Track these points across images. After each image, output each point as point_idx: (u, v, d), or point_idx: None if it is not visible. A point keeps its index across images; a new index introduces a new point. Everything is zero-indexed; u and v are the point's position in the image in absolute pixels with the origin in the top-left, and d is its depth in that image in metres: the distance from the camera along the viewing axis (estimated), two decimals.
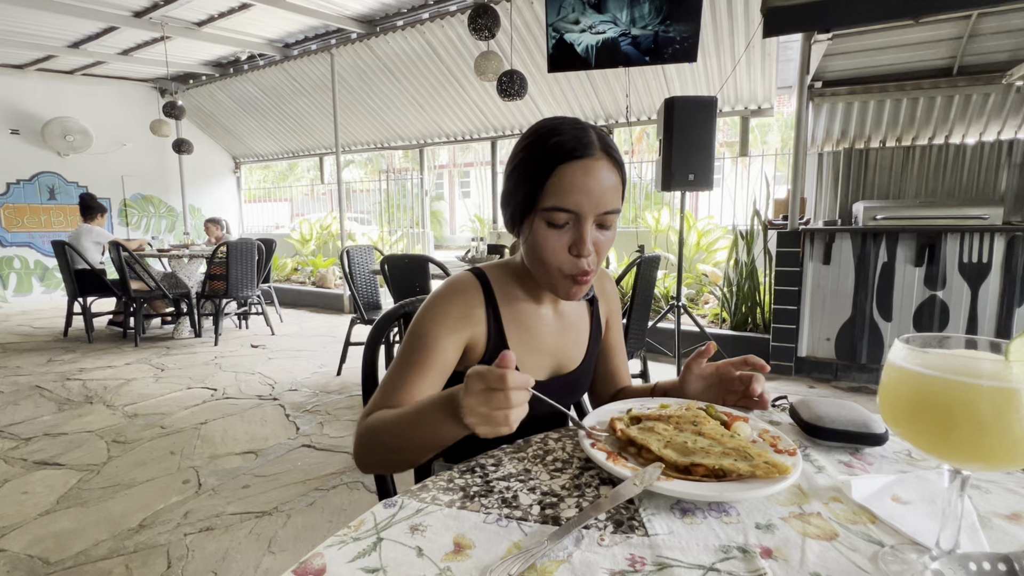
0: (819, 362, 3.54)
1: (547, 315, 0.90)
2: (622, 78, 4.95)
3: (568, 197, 0.75)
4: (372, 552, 0.48)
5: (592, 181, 0.75)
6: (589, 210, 0.76)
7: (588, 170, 0.75)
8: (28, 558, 1.73)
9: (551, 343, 0.90)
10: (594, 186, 0.75)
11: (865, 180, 4.06)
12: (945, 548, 0.46)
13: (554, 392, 0.91)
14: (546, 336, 0.89)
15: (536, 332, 0.88)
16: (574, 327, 0.93)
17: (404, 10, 5.13)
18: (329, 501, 2.05)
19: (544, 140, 0.77)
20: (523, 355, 0.87)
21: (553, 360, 0.91)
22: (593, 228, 0.78)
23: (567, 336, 0.92)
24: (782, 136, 11.00)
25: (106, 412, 3.01)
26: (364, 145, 7.44)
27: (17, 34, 5.73)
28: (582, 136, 0.76)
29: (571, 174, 0.75)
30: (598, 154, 0.76)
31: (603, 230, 0.80)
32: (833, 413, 0.73)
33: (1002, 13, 3.37)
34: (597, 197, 0.76)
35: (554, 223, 0.77)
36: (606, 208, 0.77)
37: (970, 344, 0.47)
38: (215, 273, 4.61)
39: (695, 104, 3.07)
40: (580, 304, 0.95)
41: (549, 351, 0.90)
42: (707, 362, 0.87)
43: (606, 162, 0.77)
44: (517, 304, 0.87)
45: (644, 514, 0.54)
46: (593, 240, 0.78)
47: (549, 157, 0.76)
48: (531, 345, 0.87)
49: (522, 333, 0.87)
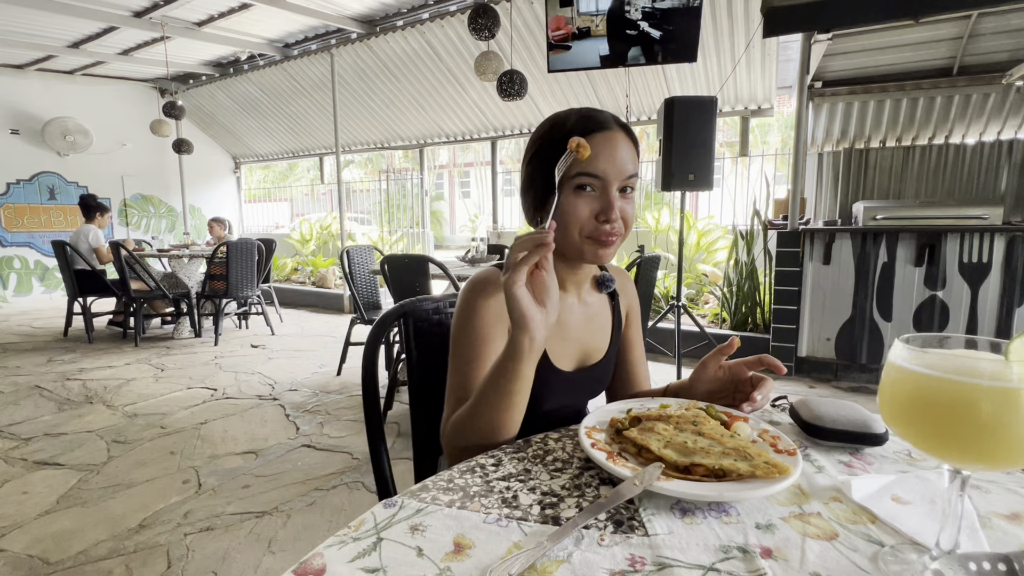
0: (819, 362, 3.54)
1: (573, 304, 0.93)
2: (622, 78, 4.95)
3: (595, 163, 0.80)
4: (372, 552, 0.48)
5: (613, 149, 0.81)
6: (614, 176, 0.81)
7: (608, 139, 0.81)
8: (28, 558, 1.73)
9: (577, 331, 0.92)
10: (615, 153, 0.81)
11: (865, 180, 4.06)
12: (945, 548, 0.46)
13: (580, 385, 0.94)
14: (573, 325, 0.92)
15: (564, 321, 0.91)
16: (598, 317, 0.96)
17: (404, 10, 5.13)
18: (329, 501, 2.05)
19: (562, 124, 0.83)
20: (553, 344, 0.89)
21: (580, 348, 0.93)
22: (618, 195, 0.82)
23: (592, 325, 0.95)
24: (782, 136, 11.00)
25: (106, 412, 3.01)
26: (364, 145, 7.44)
27: (17, 34, 5.73)
28: (597, 114, 0.84)
29: (594, 143, 0.80)
30: (614, 127, 0.83)
31: (626, 197, 0.84)
32: (833, 413, 0.73)
33: (1002, 13, 3.37)
34: (620, 164, 0.81)
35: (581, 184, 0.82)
36: (628, 172, 0.82)
37: (970, 344, 0.47)
38: (215, 273, 4.61)
39: (695, 104, 3.07)
40: (602, 297, 0.99)
41: (576, 339, 0.92)
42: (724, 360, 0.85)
43: (622, 134, 0.83)
44: None
45: (644, 514, 0.54)
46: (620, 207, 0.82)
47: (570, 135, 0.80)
48: (560, 334, 0.90)
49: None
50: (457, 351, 0.83)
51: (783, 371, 0.80)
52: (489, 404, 0.72)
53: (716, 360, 0.84)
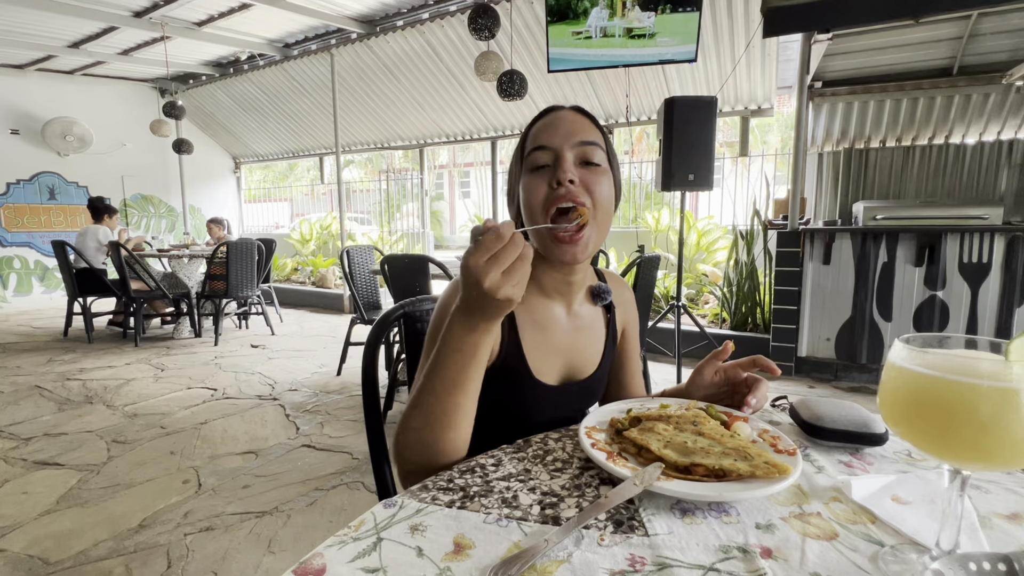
0: (819, 362, 3.54)
1: (560, 315, 0.87)
2: (622, 78, 4.95)
3: (540, 136, 0.80)
4: (372, 552, 0.48)
5: (561, 120, 0.80)
6: (562, 141, 0.78)
7: (556, 116, 0.81)
8: (28, 558, 1.73)
9: (565, 344, 0.87)
10: (562, 124, 0.79)
11: (865, 180, 4.07)
12: (945, 548, 0.46)
13: (568, 400, 0.89)
14: (560, 337, 0.87)
15: (550, 333, 0.86)
16: (589, 330, 0.90)
17: (404, 10, 5.13)
18: (329, 501, 2.05)
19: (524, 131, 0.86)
20: (537, 356, 0.84)
21: (567, 362, 0.88)
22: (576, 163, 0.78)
23: (581, 339, 0.89)
24: (782, 136, 10.99)
25: (106, 412, 3.01)
26: (364, 145, 7.44)
27: (17, 34, 5.73)
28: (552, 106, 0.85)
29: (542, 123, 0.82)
30: (564, 108, 0.83)
31: (590, 167, 0.79)
32: (833, 413, 0.73)
33: (1002, 13, 3.37)
34: (566, 131, 0.78)
35: (535, 165, 0.79)
36: (580, 137, 0.78)
37: (970, 344, 0.47)
38: (215, 273, 4.61)
39: (695, 104, 3.07)
40: (596, 309, 0.93)
41: (563, 352, 0.87)
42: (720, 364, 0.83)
43: (574, 111, 0.82)
44: (530, 303, 0.85)
45: (644, 514, 0.54)
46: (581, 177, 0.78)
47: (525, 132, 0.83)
48: (545, 346, 0.85)
49: (536, 333, 0.84)
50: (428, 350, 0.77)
51: (778, 373, 0.79)
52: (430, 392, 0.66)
53: (711, 366, 0.83)
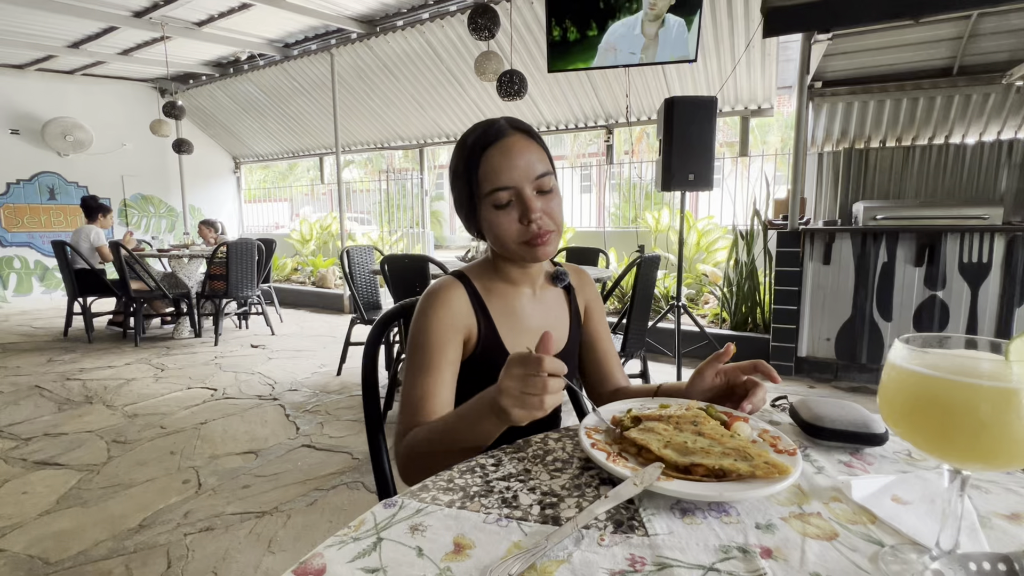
0: (819, 362, 3.54)
1: (527, 298, 0.95)
2: (622, 78, 4.95)
3: (499, 176, 0.83)
4: (372, 552, 0.48)
5: (514, 155, 0.83)
6: (522, 179, 0.83)
7: (506, 148, 0.84)
8: (28, 558, 1.73)
9: (535, 323, 0.94)
10: (518, 159, 0.83)
11: (865, 180, 4.07)
12: (945, 548, 0.46)
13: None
14: (529, 317, 0.94)
15: (521, 315, 0.93)
16: (553, 309, 0.98)
17: (404, 10, 5.13)
18: (329, 501, 2.05)
19: (463, 143, 0.87)
20: (511, 337, 0.91)
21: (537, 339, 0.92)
22: (535, 196, 0.84)
23: (549, 317, 0.97)
24: (782, 136, 11.00)
25: (106, 412, 3.01)
26: (364, 145, 7.44)
27: (17, 34, 5.73)
28: (490, 125, 0.86)
29: (494, 157, 0.83)
30: (509, 132, 0.85)
31: (545, 195, 0.86)
32: (833, 413, 0.73)
33: (1002, 13, 3.37)
34: (524, 167, 0.83)
35: (499, 204, 0.84)
36: (537, 173, 0.84)
37: (970, 344, 0.47)
38: (215, 273, 4.62)
39: (695, 104, 3.07)
40: (558, 291, 1.01)
41: (534, 330, 0.94)
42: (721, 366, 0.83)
43: (519, 136, 0.85)
44: (499, 293, 0.93)
45: (644, 514, 0.54)
46: (541, 207, 0.84)
47: (470, 153, 0.85)
48: (518, 327, 0.93)
49: (509, 318, 0.92)
50: (413, 358, 0.85)
51: (778, 380, 0.79)
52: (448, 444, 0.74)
53: (712, 367, 0.83)
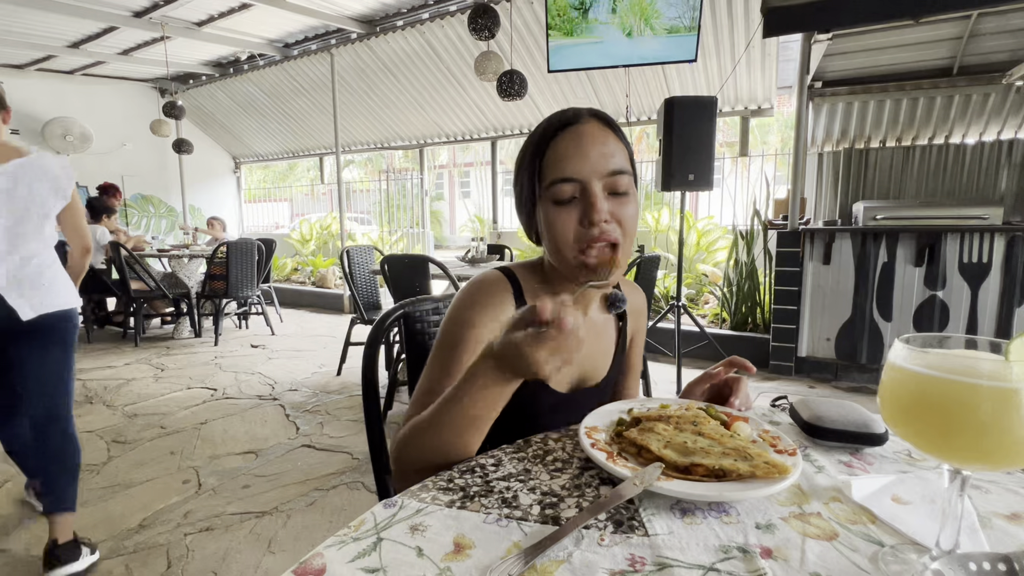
0: (819, 362, 3.54)
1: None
2: (622, 78, 4.95)
3: (565, 165, 0.71)
4: (372, 552, 0.48)
5: (586, 143, 0.71)
6: (591, 172, 0.71)
7: (579, 134, 0.72)
8: (28, 558, 1.73)
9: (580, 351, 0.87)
10: (589, 148, 0.71)
11: (865, 180, 4.06)
12: (945, 548, 0.46)
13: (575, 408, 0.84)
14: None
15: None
16: (600, 337, 0.88)
17: (404, 10, 5.13)
18: (329, 501, 2.05)
19: (535, 132, 0.77)
20: None
21: (579, 370, 0.86)
22: (605, 196, 0.71)
23: (594, 345, 0.86)
24: (782, 136, 10.99)
25: (106, 412, 3.01)
26: (364, 145, 7.44)
27: (17, 34, 5.72)
28: (567, 111, 0.75)
29: (563, 143, 0.72)
30: (586, 118, 0.74)
31: (619, 197, 0.72)
32: (833, 413, 0.73)
33: (1002, 13, 3.37)
34: (596, 158, 0.71)
35: (560, 199, 0.72)
36: (611, 168, 0.71)
37: (970, 344, 0.47)
38: (215, 273, 4.61)
39: (695, 104, 3.07)
40: (608, 317, 0.90)
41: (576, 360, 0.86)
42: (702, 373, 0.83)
43: (598, 124, 0.73)
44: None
45: (644, 514, 0.54)
46: (610, 210, 0.71)
47: (540, 140, 0.74)
48: None
49: None
50: (442, 346, 0.76)
51: (753, 371, 0.79)
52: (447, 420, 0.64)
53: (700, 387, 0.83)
